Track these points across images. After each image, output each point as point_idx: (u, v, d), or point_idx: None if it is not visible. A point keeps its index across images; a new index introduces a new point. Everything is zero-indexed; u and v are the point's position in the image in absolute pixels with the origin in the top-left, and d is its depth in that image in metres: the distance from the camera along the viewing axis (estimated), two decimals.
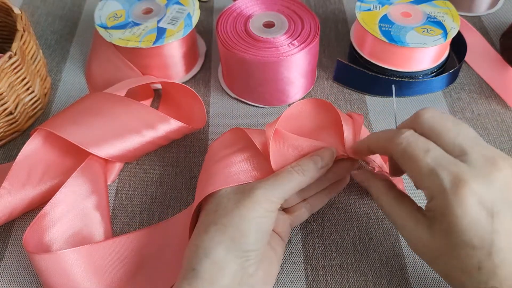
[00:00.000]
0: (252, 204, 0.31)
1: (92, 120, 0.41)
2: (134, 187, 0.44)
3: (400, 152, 0.29)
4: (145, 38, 0.47)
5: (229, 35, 0.46)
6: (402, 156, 0.29)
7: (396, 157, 0.30)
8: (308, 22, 0.47)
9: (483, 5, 0.60)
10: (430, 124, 0.29)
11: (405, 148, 0.29)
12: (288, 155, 0.35)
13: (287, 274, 0.38)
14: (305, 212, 0.38)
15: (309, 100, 0.38)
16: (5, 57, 0.41)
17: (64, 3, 0.63)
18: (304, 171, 0.33)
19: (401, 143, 0.29)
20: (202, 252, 0.31)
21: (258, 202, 0.32)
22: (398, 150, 0.29)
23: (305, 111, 0.38)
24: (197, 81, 0.53)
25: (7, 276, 0.38)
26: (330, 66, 0.54)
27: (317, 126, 0.38)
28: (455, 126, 0.29)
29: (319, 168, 0.34)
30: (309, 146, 0.35)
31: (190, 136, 0.47)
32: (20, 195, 0.39)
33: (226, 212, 0.32)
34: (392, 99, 0.50)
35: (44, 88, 0.50)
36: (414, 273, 0.37)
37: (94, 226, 0.39)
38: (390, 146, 0.30)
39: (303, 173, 0.33)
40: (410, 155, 0.28)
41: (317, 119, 0.38)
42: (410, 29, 0.47)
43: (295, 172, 0.33)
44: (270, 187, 0.32)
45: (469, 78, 0.52)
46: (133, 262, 0.37)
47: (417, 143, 0.28)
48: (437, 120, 0.29)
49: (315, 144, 0.36)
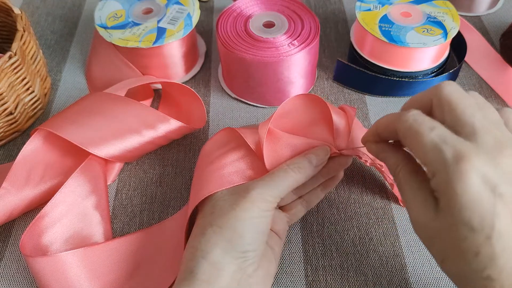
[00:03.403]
0: (247, 205, 0.31)
1: (92, 120, 0.41)
2: (134, 187, 0.44)
3: (405, 128, 0.28)
4: (145, 38, 0.47)
5: (229, 35, 0.46)
6: (407, 133, 0.28)
7: (401, 135, 0.29)
8: (308, 22, 0.47)
9: (483, 5, 0.60)
10: (449, 97, 0.28)
11: (410, 125, 0.28)
12: (282, 154, 0.35)
13: (287, 274, 0.37)
14: (301, 209, 0.38)
15: (299, 96, 0.37)
16: (5, 57, 0.41)
17: (64, 3, 0.63)
18: (300, 169, 0.33)
19: (407, 120, 0.28)
20: (200, 254, 0.31)
21: (253, 202, 0.31)
22: (403, 127, 0.28)
23: (296, 108, 0.38)
24: (197, 81, 0.53)
25: (7, 276, 0.38)
26: (330, 66, 0.54)
27: (309, 122, 0.38)
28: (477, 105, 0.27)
29: (314, 166, 0.34)
30: (303, 144, 0.35)
31: (190, 136, 0.47)
32: (20, 195, 0.39)
33: (222, 213, 0.32)
34: (392, 99, 0.50)
35: (44, 88, 0.50)
36: (414, 273, 0.37)
37: (94, 226, 0.39)
38: (397, 125, 0.29)
39: (299, 171, 0.33)
40: (415, 131, 0.27)
41: (309, 115, 0.38)
42: (410, 29, 0.47)
43: (290, 170, 0.33)
44: (265, 187, 0.32)
45: (469, 78, 0.52)
46: (130, 264, 0.37)
47: (423, 121, 0.27)
48: (458, 95, 0.28)
49: (309, 142, 0.35)
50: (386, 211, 0.41)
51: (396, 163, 0.30)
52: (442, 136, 0.26)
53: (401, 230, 0.40)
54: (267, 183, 0.33)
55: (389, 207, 0.41)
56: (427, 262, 0.38)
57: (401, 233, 0.40)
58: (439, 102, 0.28)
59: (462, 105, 0.27)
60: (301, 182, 0.34)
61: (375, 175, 0.43)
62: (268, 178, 0.33)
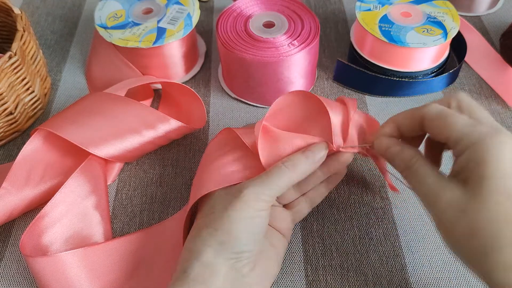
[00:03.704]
0: (240, 205, 0.31)
1: (92, 120, 0.41)
2: (134, 187, 0.44)
3: (435, 113, 0.29)
4: (145, 38, 0.47)
5: (229, 35, 0.46)
6: (438, 115, 0.29)
7: (429, 119, 0.30)
8: (308, 22, 0.47)
9: (483, 5, 0.60)
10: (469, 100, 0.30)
11: (441, 110, 0.29)
12: (278, 151, 0.34)
13: (287, 274, 0.38)
14: (305, 206, 0.38)
15: (292, 93, 0.37)
16: (5, 57, 0.41)
17: (64, 3, 0.63)
18: (295, 166, 0.33)
19: (436, 106, 0.30)
20: (193, 255, 0.31)
21: (246, 202, 0.31)
22: (432, 112, 0.30)
23: (290, 105, 0.37)
24: (197, 81, 0.53)
25: (7, 276, 0.38)
26: (330, 66, 0.54)
27: (305, 119, 0.37)
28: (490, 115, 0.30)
29: (311, 163, 0.33)
30: (300, 141, 0.35)
31: (190, 136, 0.47)
32: (20, 195, 0.39)
33: (218, 214, 0.32)
34: (392, 99, 0.50)
35: (44, 88, 0.50)
36: (414, 273, 0.37)
37: (94, 226, 0.39)
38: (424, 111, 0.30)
39: (294, 168, 0.33)
40: (446, 113, 0.29)
41: (304, 111, 0.37)
42: (410, 29, 0.47)
43: (285, 167, 0.33)
44: (259, 185, 0.32)
45: (469, 78, 0.52)
46: (129, 264, 0.37)
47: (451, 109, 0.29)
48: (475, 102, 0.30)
49: (306, 139, 0.35)
50: (386, 211, 0.41)
51: (411, 155, 0.31)
52: (471, 119, 0.28)
53: (401, 230, 0.40)
54: (261, 181, 0.32)
55: (389, 207, 0.41)
56: (427, 262, 0.38)
57: (401, 233, 0.40)
58: (459, 104, 0.30)
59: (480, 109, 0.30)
60: (298, 179, 0.33)
61: (375, 175, 0.43)
62: (263, 176, 0.32)
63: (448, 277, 0.37)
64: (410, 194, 0.42)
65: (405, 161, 0.31)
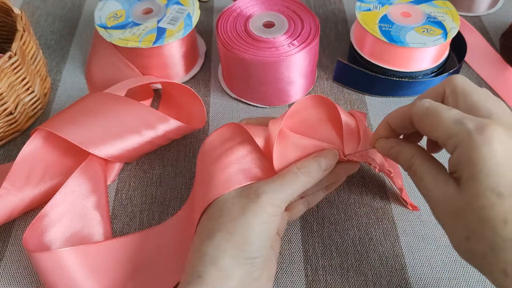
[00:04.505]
0: (258, 210, 0.31)
1: (92, 120, 0.41)
2: (134, 187, 0.44)
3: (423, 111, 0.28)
4: (145, 38, 0.47)
5: (229, 35, 0.46)
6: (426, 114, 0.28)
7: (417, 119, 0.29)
8: (308, 22, 0.47)
9: (483, 5, 0.60)
10: (463, 85, 0.29)
11: (428, 107, 0.28)
12: (290, 155, 0.34)
13: (287, 274, 0.37)
14: (302, 208, 0.38)
15: (312, 97, 0.36)
16: (5, 57, 0.41)
17: (64, 3, 0.63)
18: (310, 173, 0.33)
19: (424, 104, 0.28)
20: (208, 260, 0.30)
21: (263, 207, 0.31)
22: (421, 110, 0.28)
23: (307, 108, 0.37)
24: (197, 81, 0.53)
25: (7, 276, 0.38)
26: (330, 66, 0.54)
27: (318, 124, 0.37)
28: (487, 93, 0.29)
29: (323, 170, 0.33)
30: (311, 146, 0.34)
31: (190, 136, 0.47)
32: (20, 195, 0.39)
33: (232, 218, 0.31)
34: (392, 99, 0.50)
35: (44, 88, 0.50)
36: (414, 273, 0.37)
37: (94, 226, 0.39)
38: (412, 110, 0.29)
39: (309, 176, 0.32)
40: (433, 111, 0.28)
41: (318, 116, 0.37)
42: (410, 29, 0.47)
43: (301, 174, 0.32)
44: (276, 191, 0.31)
45: (469, 78, 0.52)
46: (131, 263, 0.37)
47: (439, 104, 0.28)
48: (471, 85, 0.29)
49: (317, 144, 0.35)
50: (386, 211, 0.41)
51: (411, 153, 0.30)
52: (460, 113, 0.27)
53: (401, 230, 0.40)
54: (278, 187, 0.32)
55: (389, 207, 0.41)
56: (427, 262, 0.38)
57: (401, 233, 0.40)
58: (453, 91, 0.29)
59: (476, 92, 0.28)
60: (310, 186, 0.33)
61: (375, 175, 0.43)
62: (279, 181, 0.32)
63: (448, 277, 0.37)
64: (410, 194, 0.42)
65: (406, 161, 0.31)
